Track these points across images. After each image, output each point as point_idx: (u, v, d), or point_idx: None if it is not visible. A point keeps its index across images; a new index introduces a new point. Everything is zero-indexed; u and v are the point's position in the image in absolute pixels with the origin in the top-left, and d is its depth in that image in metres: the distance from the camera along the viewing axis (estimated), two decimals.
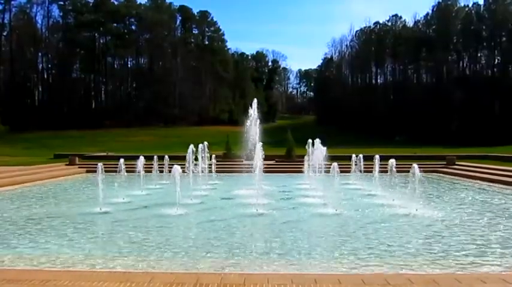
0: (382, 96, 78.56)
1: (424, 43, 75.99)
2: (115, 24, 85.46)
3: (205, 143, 18.88)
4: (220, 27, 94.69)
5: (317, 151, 16.79)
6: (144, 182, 16.82)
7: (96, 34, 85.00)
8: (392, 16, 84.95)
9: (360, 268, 6.46)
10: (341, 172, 13.55)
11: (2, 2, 76.88)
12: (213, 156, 21.58)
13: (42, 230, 9.33)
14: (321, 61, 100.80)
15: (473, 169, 22.55)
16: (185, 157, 16.82)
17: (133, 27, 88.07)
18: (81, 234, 8.99)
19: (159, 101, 77.94)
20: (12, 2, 78.16)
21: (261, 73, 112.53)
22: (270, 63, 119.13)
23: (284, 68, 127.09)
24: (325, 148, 16.28)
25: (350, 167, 19.29)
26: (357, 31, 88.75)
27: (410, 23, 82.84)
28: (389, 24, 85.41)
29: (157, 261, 6.92)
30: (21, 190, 16.61)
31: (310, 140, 19.64)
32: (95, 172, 13.21)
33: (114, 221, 10.44)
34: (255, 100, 19.79)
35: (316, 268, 6.50)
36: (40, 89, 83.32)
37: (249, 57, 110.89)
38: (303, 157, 21.59)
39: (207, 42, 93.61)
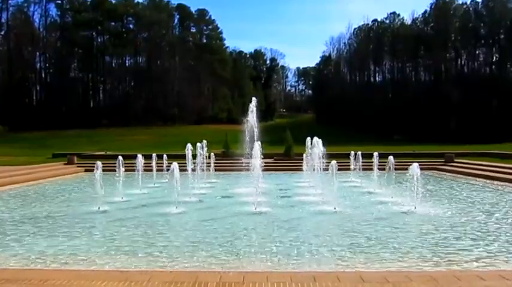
0: (381, 94, 78.50)
1: (422, 41, 75.92)
2: (113, 23, 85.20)
3: (204, 141, 18.87)
4: (218, 26, 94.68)
5: (315, 149, 16.76)
6: (143, 181, 16.80)
7: (94, 33, 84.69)
8: (390, 14, 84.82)
9: (358, 266, 6.46)
10: (340, 169, 13.55)
11: (0, 1, 76.67)
12: (212, 154, 21.57)
13: (40, 230, 9.32)
14: (319, 59, 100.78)
15: (472, 166, 22.59)
16: (184, 155, 16.84)
17: (131, 26, 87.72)
18: (80, 233, 8.97)
19: (157, 100, 77.84)
20: (10, 1, 77.96)
21: (260, 72, 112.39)
22: (268, 62, 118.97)
23: (282, 66, 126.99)
24: (322, 148, 16.21)
25: (349, 165, 19.33)
26: (355, 29, 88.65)
27: (408, 20, 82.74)
28: (387, 22, 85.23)
29: (156, 260, 6.91)
30: (20, 190, 16.58)
31: (308, 138, 19.63)
32: (94, 171, 13.19)
33: (113, 220, 10.43)
34: (254, 99, 19.77)
35: (315, 266, 6.51)
36: (38, 88, 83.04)
37: (247, 55, 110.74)
38: (301, 155, 21.59)
39: (205, 41, 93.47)
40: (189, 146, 16.69)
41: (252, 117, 19.78)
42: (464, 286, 4.90)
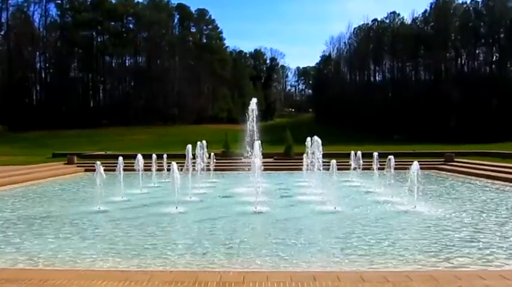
0: (381, 94, 78.49)
1: (422, 40, 75.93)
2: (113, 23, 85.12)
3: (204, 141, 18.88)
4: (218, 26, 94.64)
5: (315, 149, 16.75)
6: (143, 180, 16.80)
7: (94, 33, 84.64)
8: (391, 13, 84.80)
9: (358, 265, 6.46)
10: (340, 169, 13.56)
11: (0, 1, 76.64)
12: (212, 154, 21.56)
13: (40, 229, 9.32)
14: (319, 59, 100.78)
15: (472, 166, 22.59)
16: (184, 155, 16.85)
17: (131, 26, 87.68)
18: (80, 233, 8.97)
19: (157, 99, 77.86)
20: (10, 1, 77.87)
21: (260, 71, 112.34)
22: (268, 61, 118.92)
23: (282, 66, 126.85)
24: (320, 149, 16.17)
25: (349, 165, 19.33)
26: (355, 28, 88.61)
27: (408, 20, 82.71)
28: (388, 21, 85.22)
29: (156, 259, 6.91)
30: (19, 190, 16.57)
31: (308, 138, 19.62)
32: (94, 170, 13.19)
33: (113, 220, 10.43)
34: (254, 99, 19.73)
35: (315, 266, 6.51)
36: (38, 88, 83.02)
37: (247, 55, 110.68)
38: (301, 154, 21.58)
39: (205, 41, 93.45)
40: (189, 146, 16.70)
41: (252, 119, 19.75)
42: (465, 285, 4.89)
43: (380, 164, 16.84)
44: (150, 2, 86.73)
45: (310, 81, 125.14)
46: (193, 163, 17.27)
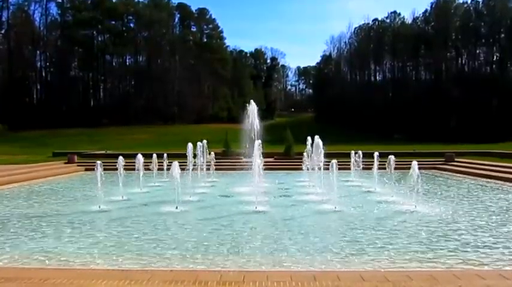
0: (381, 94, 78.48)
1: (422, 40, 75.96)
2: (113, 22, 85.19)
3: (204, 141, 18.84)
4: (219, 25, 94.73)
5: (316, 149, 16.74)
6: (143, 180, 16.79)
7: (94, 32, 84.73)
8: (391, 13, 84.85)
9: (358, 265, 6.46)
10: (340, 169, 13.55)
11: (0, 0, 76.69)
12: (212, 154, 21.55)
13: (40, 229, 9.31)
14: (320, 58, 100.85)
15: (472, 166, 22.57)
16: (184, 154, 16.85)
17: (131, 25, 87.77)
18: (80, 232, 8.97)
19: (157, 99, 77.89)
20: (10, 0, 78.05)
21: (260, 71, 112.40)
22: (268, 61, 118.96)
23: (283, 66, 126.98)
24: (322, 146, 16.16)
25: (349, 164, 19.31)
26: (355, 28, 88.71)
27: (408, 19, 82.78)
28: (388, 21, 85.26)
29: (157, 259, 6.91)
30: (19, 189, 16.57)
31: (309, 138, 19.61)
32: (94, 170, 13.19)
33: (114, 219, 10.43)
34: (252, 102, 19.81)
35: (315, 265, 6.51)
36: (38, 87, 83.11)
37: (248, 54, 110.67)
38: (301, 154, 21.55)
39: (205, 40, 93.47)
40: (190, 145, 16.69)
41: (252, 119, 19.76)
42: (464, 284, 4.90)
43: (380, 164, 16.84)
44: (151, 1, 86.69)
45: (311, 81, 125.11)
46: (194, 162, 17.25)
